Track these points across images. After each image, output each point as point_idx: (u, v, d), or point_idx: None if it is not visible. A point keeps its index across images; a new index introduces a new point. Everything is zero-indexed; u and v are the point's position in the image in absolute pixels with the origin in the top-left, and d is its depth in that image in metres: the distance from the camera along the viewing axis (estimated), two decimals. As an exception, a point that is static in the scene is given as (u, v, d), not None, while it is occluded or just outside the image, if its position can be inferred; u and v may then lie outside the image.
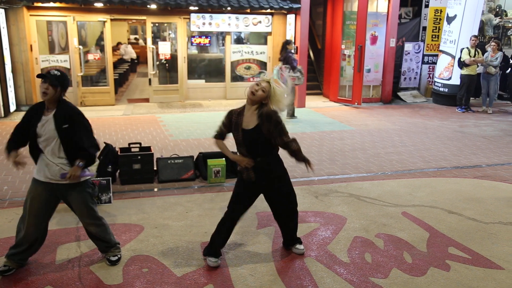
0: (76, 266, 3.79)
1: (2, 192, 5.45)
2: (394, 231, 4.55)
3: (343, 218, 4.86)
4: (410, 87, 13.07)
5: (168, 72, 12.06)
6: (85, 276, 3.64)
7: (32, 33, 10.42)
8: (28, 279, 3.58)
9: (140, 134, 8.42)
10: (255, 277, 3.69)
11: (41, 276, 3.63)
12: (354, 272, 3.79)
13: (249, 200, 3.92)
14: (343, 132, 8.87)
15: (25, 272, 3.67)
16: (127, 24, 21.11)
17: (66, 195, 3.64)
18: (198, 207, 5.08)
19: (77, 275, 3.66)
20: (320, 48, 13.45)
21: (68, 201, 3.70)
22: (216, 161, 5.88)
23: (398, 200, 5.36)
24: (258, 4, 11.22)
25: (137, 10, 10.92)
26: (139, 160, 5.78)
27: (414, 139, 8.35)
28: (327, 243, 4.29)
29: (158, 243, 4.23)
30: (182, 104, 11.58)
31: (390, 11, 11.76)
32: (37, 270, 3.71)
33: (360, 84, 11.59)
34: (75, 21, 10.68)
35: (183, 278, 3.65)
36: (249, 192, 3.88)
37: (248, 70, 12.31)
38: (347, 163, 6.82)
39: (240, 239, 4.31)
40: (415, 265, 3.91)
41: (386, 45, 11.94)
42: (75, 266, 3.79)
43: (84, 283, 3.55)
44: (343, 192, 5.62)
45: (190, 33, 11.66)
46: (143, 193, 5.53)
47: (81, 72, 10.86)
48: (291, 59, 9.33)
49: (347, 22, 11.87)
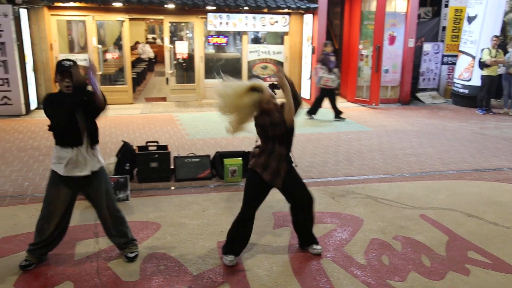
0: (94, 262, 3.83)
1: (23, 188, 5.54)
2: (412, 234, 4.50)
3: (360, 219, 4.82)
4: (429, 88, 12.91)
5: (185, 72, 12.12)
6: (103, 272, 3.68)
7: (53, 33, 10.59)
8: (48, 273, 3.64)
9: (157, 132, 8.48)
10: (271, 277, 3.68)
11: (60, 271, 3.68)
12: (371, 274, 3.76)
13: (264, 196, 3.91)
14: (360, 133, 8.80)
15: (45, 267, 3.72)
16: (145, 23, 21.29)
17: (88, 187, 3.70)
18: (214, 206, 5.09)
19: (95, 271, 3.70)
20: (337, 48, 13.37)
21: (89, 193, 3.75)
22: (233, 160, 5.89)
23: (416, 203, 5.30)
24: (276, 4, 11.21)
25: (155, 9, 11.00)
26: (156, 159, 5.82)
27: (433, 140, 8.25)
28: (344, 244, 4.26)
29: (175, 241, 4.25)
30: (199, 103, 11.63)
31: (409, 11, 11.63)
32: (56, 265, 3.76)
33: (378, 84, 11.50)
34: (94, 20, 10.81)
35: (199, 277, 3.66)
36: (265, 188, 3.87)
37: (265, 69, 12.30)
38: (364, 164, 6.76)
39: (257, 238, 4.31)
40: (433, 269, 3.86)
41: (404, 45, 11.82)
42: (93, 262, 3.83)
43: (102, 279, 3.58)
44: (360, 193, 5.58)
45: (207, 32, 11.70)
46: (160, 191, 5.56)
47: (100, 71, 10.98)
48: (328, 60, 9.41)
49: (365, 22, 11.78)
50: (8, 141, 7.68)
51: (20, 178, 5.89)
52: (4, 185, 5.63)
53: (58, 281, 3.54)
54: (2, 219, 4.63)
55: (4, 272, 3.64)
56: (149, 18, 15.56)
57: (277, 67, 4.12)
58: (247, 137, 8.08)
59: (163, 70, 12.57)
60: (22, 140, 7.76)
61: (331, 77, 9.37)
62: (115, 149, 6.20)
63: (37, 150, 7.18)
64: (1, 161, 6.60)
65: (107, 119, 9.54)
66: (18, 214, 4.78)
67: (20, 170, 6.22)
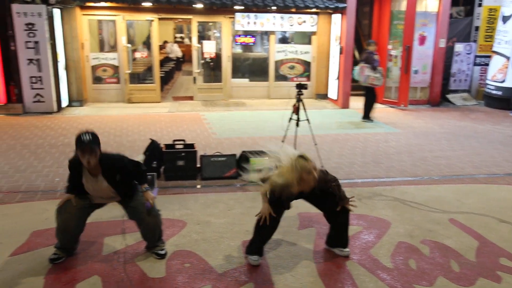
0: (121, 257, 3.89)
1: (53, 184, 5.68)
2: (440, 238, 4.40)
3: (387, 222, 4.74)
4: (460, 89, 12.60)
5: (212, 71, 12.20)
6: (129, 268, 3.73)
7: (84, 32, 10.82)
8: (76, 268, 3.72)
9: (184, 131, 8.56)
10: (295, 277, 3.66)
11: (88, 265, 3.76)
12: (397, 278, 3.69)
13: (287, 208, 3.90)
14: (388, 134, 8.67)
15: (74, 261, 3.81)
16: (173, 23, 21.52)
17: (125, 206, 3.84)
18: (240, 205, 5.10)
19: (122, 266, 3.76)
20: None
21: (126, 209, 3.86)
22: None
23: (445, 206, 5.18)
24: (304, 4, 11.15)
25: (184, 9, 11.11)
26: (183, 157, 5.87)
27: (464, 143, 8.05)
28: (370, 247, 4.20)
29: (200, 239, 4.28)
30: (225, 102, 11.68)
31: (441, 11, 11.38)
32: (84, 260, 3.83)
33: (407, 85, 11.30)
34: (124, 20, 10.99)
35: (223, 275, 3.67)
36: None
37: (292, 69, 12.27)
38: (392, 166, 6.66)
39: (282, 239, 4.29)
40: (462, 275, 3.76)
41: (435, 45, 11.57)
42: (120, 257, 3.89)
43: (129, 274, 3.64)
44: (388, 195, 5.49)
45: (234, 32, 11.74)
46: (186, 189, 5.61)
47: (129, 69, 11.16)
48: (372, 59, 9.36)
49: (394, 22, 11.59)
50: (40, 137, 7.89)
51: (51, 174, 6.04)
52: (36, 180, 5.79)
53: (86, 275, 3.61)
54: (34, 213, 4.76)
55: (35, 264, 3.74)
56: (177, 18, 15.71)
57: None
58: (273, 137, 8.06)
59: (190, 69, 12.68)
60: (53, 136, 7.96)
61: (377, 76, 9.30)
62: (143, 147, 6.28)
63: (67, 146, 7.35)
64: (34, 156, 6.78)
65: (135, 117, 9.70)
66: (49, 208, 4.89)
67: (52, 166, 6.37)
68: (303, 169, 3.50)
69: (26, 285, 3.46)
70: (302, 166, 3.49)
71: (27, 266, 3.72)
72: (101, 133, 8.24)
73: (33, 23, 9.34)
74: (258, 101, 11.88)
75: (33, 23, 9.34)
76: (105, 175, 3.56)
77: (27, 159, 6.67)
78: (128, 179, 3.67)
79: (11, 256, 3.88)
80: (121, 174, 3.60)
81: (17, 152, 7.00)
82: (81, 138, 3.38)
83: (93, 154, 3.38)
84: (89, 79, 11.17)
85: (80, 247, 3.95)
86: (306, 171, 3.51)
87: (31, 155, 6.86)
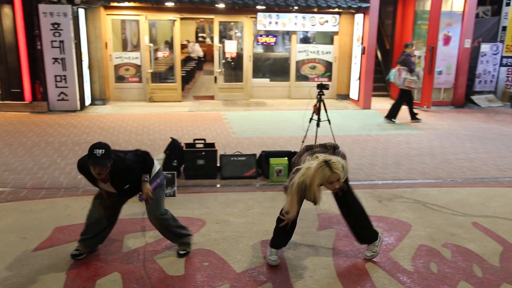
0: (141, 255, 3.94)
1: (76, 181, 5.78)
2: (463, 242, 4.31)
3: (407, 224, 4.68)
4: (486, 90, 12.35)
5: (233, 71, 12.24)
6: (149, 266, 3.77)
7: (108, 31, 10.98)
8: (97, 264, 3.77)
9: (204, 130, 8.60)
10: (314, 278, 3.64)
11: (108, 262, 3.81)
12: (418, 281, 3.63)
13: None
14: (410, 135, 8.55)
15: (94, 258, 3.86)
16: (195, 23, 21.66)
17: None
18: (259, 205, 5.10)
19: (142, 264, 3.79)
20: (388, 49, 13.07)
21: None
22: (279, 160, 5.87)
23: (468, 210, 5.08)
24: (326, 4, 11.09)
25: (206, 9, 11.17)
26: (203, 156, 5.90)
27: (488, 145, 7.89)
28: (390, 249, 4.14)
29: (219, 238, 4.29)
30: (246, 102, 11.70)
31: (466, 10, 11.17)
32: (105, 257, 3.89)
33: (430, 86, 11.13)
34: (147, 20, 11.11)
35: (242, 275, 3.67)
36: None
37: (313, 70, 12.21)
38: (414, 168, 6.56)
39: (301, 239, 4.27)
40: (485, 280, 3.68)
41: (460, 45, 11.36)
42: (140, 255, 3.94)
43: (148, 272, 3.67)
44: (409, 197, 5.42)
45: (256, 32, 11.75)
46: (206, 188, 5.64)
47: (151, 69, 11.28)
48: (409, 61, 9.32)
49: (418, 22, 11.43)
50: (64, 135, 8.03)
51: (74, 171, 6.13)
52: (59, 177, 5.90)
53: (107, 272, 3.66)
54: (57, 210, 4.85)
55: (57, 260, 3.81)
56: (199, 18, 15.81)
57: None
58: (293, 137, 8.05)
59: (211, 69, 12.75)
60: (76, 134, 8.10)
61: (413, 78, 9.22)
62: (164, 146, 6.34)
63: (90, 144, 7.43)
64: (57, 154, 6.91)
65: (156, 116, 9.79)
66: (71, 205, 4.98)
67: (74, 163, 6.43)
68: (322, 179, 3.40)
69: (48, 280, 3.53)
70: (324, 175, 3.38)
71: (50, 261, 3.79)
72: (122, 131, 8.39)
73: (58, 22, 9.52)
74: (278, 101, 11.86)
75: (58, 23, 9.53)
76: (113, 184, 3.61)
77: (51, 156, 6.80)
78: (137, 183, 3.69)
79: (34, 251, 3.96)
80: (130, 183, 3.66)
81: (41, 149, 7.15)
82: (93, 152, 3.40)
83: (104, 168, 3.43)
84: (111, 78, 11.33)
85: (101, 244, 4.00)
86: (328, 181, 3.42)
87: (54, 152, 7.00)
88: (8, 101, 9.88)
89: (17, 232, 4.29)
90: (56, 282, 3.49)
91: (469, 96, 12.10)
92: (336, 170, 3.36)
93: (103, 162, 3.39)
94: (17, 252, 3.92)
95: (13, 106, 9.85)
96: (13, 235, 4.23)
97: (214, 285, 3.51)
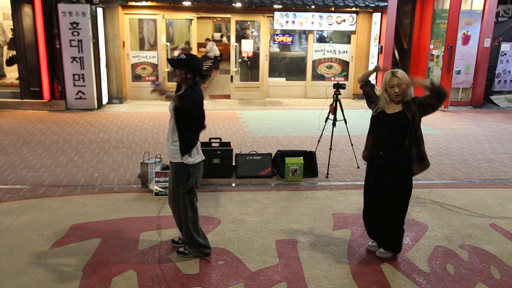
0: (156, 253, 3.97)
1: (93, 179, 5.85)
2: (480, 243, 4.25)
3: (424, 225, 4.62)
4: (505, 90, 12.13)
5: (249, 70, 12.24)
6: (164, 264, 3.79)
7: (125, 31, 11.08)
8: (113, 261, 3.81)
9: (220, 129, 8.63)
10: (329, 278, 3.63)
11: (125, 260, 3.84)
12: (434, 283, 3.59)
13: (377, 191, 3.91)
14: (428, 135, 8.44)
15: (111, 255, 3.90)
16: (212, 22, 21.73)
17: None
18: (274, 205, 5.10)
19: (157, 261, 3.82)
20: (406, 48, 12.92)
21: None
22: (294, 159, 5.86)
23: (486, 211, 5.00)
24: (343, 3, 11.02)
25: (223, 8, 11.20)
26: (219, 155, 5.92)
27: (507, 146, 7.75)
28: (406, 250, 4.10)
29: (234, 237, 4.30)
30: (262, 101, 11.70)
31: (486, 9, 10.98)
32: (121, 254, 3.93)
33: (448, 86, 10.97)
34: (164, 19, 11.19)
35: (257, 274, 3.68)
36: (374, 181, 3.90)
37: (329, 69, 12.15)
38: (431, 169, 6.47)
39: (316, 239, 4.26)
40: (503, 282, 3.62)
41: (479, 45, 11.18)
42: (155, 253, 3.97)
43: (163, 270, 3.70)
44: (425, 198, 5.35)
45: (272, 31, 11.73)
46: (221, 187, 5.65)
47: (168, 68, 11.35)
48: None
49: (437, 21, 11.28)
50: (81, 133, 8.14)
51: (91, 169, 6.22)
52: (76, 175, 5.97)
53: (123, 269, 3.69)
54: (74, 207, 4.91)
55: (74, 257, 3.86)
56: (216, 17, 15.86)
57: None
58: (309, 136, 8.02)
59: (228, 68, 12.77)
60: (93, 133, 8.20)
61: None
62: (180, 144, 6.35)
63: (107, 142, 7.55)
64: (74, 152, 7.00)
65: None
66: (88, 203, 5.04)
67: (91, 162, 6.56)
68: (385, 83, 3.82)
69: (65, 277, 3.58)
70: (386, 79, 3.81)
71: (66, 258, 3.85)
72: (139, 130, 8.46)
73: (77, 22, 9.64)
74: (294, 101, 11.83)
75: (77, 22, 9.65)
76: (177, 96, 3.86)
77: (69, 154, 6.89)
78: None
79: (52, 248, 4.02)
80: None
81: (59, 147, 7.25)
82: (180, 55, 3.90)
83: (177, 70, 3.90)
84: (129, 77, 11.43)
85: (117, 242, 4.04)
86: (389, 85, 3.80)
87: (72, 150, 7.09)
88: (27, 99, 10.04)
89: (35, 229, 4.36)
90: (73, 279, 3.54)
91: (488, 96, 11.91)
92: (396, 74, 3.79)
93: (177, 64, 3.96)
94: (34, 249, 3.99)
95: (32, 105, 10.01)
96: (31, 232, 4.30)
97: (229, 284, 3.52)
